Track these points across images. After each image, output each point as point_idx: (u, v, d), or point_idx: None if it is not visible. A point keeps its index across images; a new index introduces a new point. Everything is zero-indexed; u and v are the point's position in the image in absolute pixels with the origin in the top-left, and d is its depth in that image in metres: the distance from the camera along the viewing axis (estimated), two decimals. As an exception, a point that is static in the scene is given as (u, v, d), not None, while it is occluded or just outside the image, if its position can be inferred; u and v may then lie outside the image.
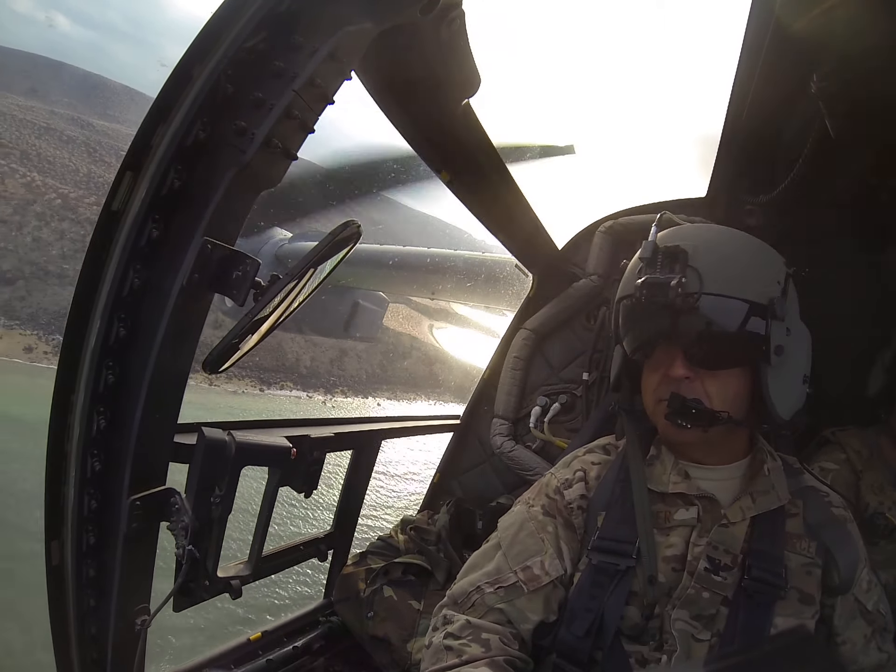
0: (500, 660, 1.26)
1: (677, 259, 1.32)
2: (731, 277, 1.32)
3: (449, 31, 1.24)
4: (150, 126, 0.98)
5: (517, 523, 1.49)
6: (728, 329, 1.32)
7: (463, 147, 1.71)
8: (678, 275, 1.29)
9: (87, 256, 1.02)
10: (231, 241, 1.07)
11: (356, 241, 1.18)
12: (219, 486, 1.27)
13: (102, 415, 1.05)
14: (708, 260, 1.31)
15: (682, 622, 1.29)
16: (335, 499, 2.55)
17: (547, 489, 1.53)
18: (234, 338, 1.08)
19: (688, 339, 1.33)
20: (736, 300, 1.31)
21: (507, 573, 1.39)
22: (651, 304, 1.32)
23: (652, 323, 1.37)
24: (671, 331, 1.33)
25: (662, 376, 1.38)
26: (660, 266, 1.33)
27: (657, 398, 1.39)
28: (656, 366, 1.40)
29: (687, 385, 1.33)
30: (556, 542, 1.43)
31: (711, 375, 1.34)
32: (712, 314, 1.30)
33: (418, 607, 2.28)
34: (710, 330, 1.31)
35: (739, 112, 1.86)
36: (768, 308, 1.32)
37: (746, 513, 1.36)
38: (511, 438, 3.01)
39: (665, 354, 1.37)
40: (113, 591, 1.13)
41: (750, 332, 1.31)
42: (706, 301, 1.29)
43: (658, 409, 1.39)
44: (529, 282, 3.18)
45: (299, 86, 1.01)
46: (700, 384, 1.33)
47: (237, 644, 2.05)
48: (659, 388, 1.39)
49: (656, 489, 1.42)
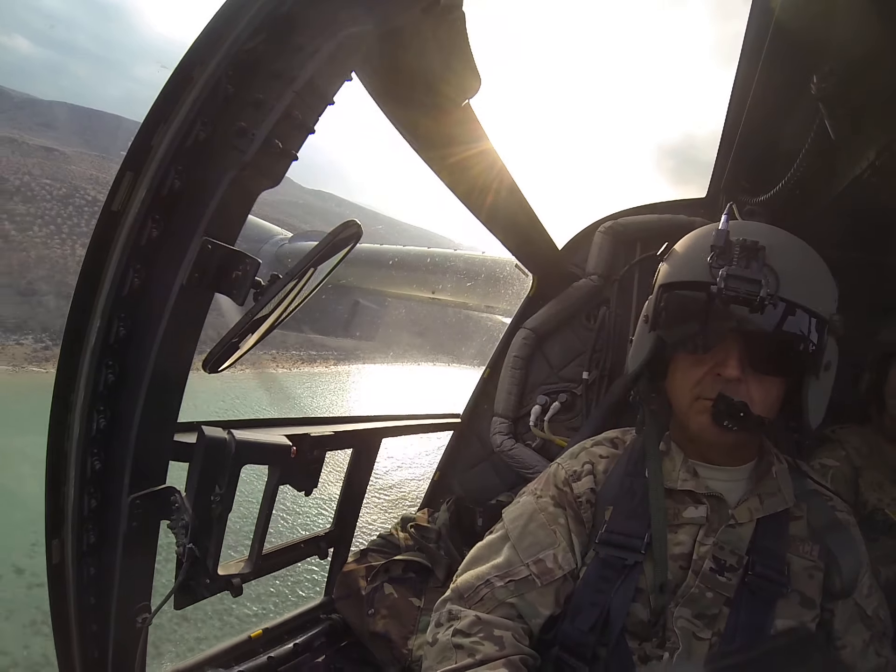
0: (516, 658, 1.23)
1: (755, 255, 1.26)
2: (805, 286, 1.29)
3: (449, 32, 1.24)
4: (150, 126, 0.98)
5: (526, 514, 1.47)
6: (794, 338, 1.29)
7: (463, 148, 1.71)
8: (757, 271, 1.24)
9: (87, 256, 1.02)
10: (231, 240, 1.07)
11: (356, 241, 1.18)
12: (219, 485, 1.27)
13: (102, 414, 1.05)
14: (783, 263, 1.27)
15: (684, 620, 1.29)
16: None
17: (555, 480, 1.51)
18: (233, 337, 1.09)
19: (752, 341, 1.29)
20: (807, 311, 1.28)
21: (519, 566, 1.37)
22: (730, 298, 1.24)
23: (723, 317, 1.28)
24: (740, 329, 1.28)
25: (707, 372, 1.33)
26: (736, 259, 1.27)
27: (696, 395, 1.35)
28: (701, 361, 1.34)
29: (735, 387, 1.29)
30: (567, 534, 1.42)
31: (758, 380, 1.30)
32: (784, 321, 1.26)
33: (419, 604, 2.29)
34: (777, 336, 1.28)
35: (739, 112, 1.86)
36: (829, 324, 1.30)
37: (754, 514, 1.36)
38: (511, 437, 3.02)
39: (716, 351, 1.32)
40: (114, 589, 1.13)
41: (812, 344, 1.29)
42: (783, 306, 1.25)
43: (696, 406, 1.34)
44: (529, 281, 3.18)
45: (299, 87, 1.01)
46: (746, 387, 1.29)
47: (238, 641, 2.05)
48: (701, 385, 1.34)
49: (665, 485, 1.41)
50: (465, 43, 1.30)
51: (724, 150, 2.22)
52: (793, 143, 1.81)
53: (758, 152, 2.08)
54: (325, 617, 2.41)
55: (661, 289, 1.42)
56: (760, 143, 2.01)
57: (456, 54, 1.32)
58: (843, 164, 1.82)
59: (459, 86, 1.43)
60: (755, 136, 1.95)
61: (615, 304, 2.97)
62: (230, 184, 1.03)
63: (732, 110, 1.91)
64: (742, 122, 1.89)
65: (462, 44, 1.30)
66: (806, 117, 1.64)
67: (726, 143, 2.15)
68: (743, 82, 1.72)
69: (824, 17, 1.36)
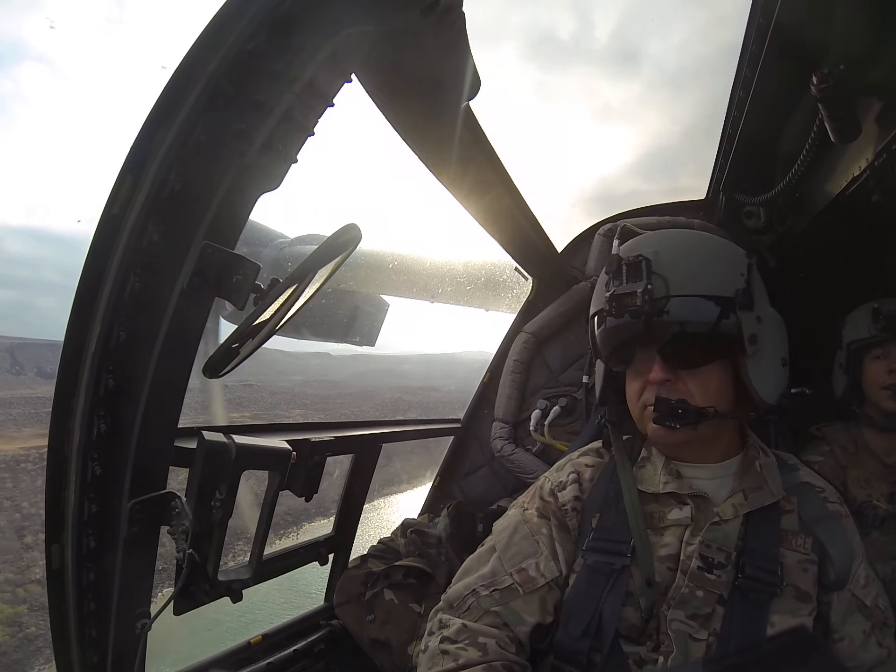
0: (498, 664, 1.26)
1: (640, 268, 1.34)
2: (694, 277, 1.33)
3: (449, 34, 1.24)
4: (150, 129, 0.98)
5: (511, 526, 1.50)
6: (699, 327, 1.33)
7: (463, 150, 1.71)
8: (637, 283, 1.32)
9: (87, 260, 1.01)
10: (231, 244, 1.06)
11: (356, 245, 1.18)
12: (219, 490, 1.27)
13: (103, 419, 1.05)
14: (671, 264, 1.33)
15: (678, 622, 1.29)
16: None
17: (541, 492, 1.54)
18: (234, 342, 1.08)
19: (661, 343, 1.36)
20: (702, 298, 1.32)
21: (503, 575, 1.40)
22: (621, 314, 1.35)
23: (625, 332, 1.40)
24: (644, 337, 1.38)
25: (644, 383, 1.40)
26: (625, 277, 1.36)
27: (643, 405, 1.41)
28: (637, 374, 1.43)
29: (669, 387, 1.36)
30: (550, 544, 1.44)
31: (691, 374, 1.36)
32: (682, 315, 1.32)
33: (419, 610, 2.27)
34: (682, 331, 1.34)
35: (739, 113, 1.86)
36: (735, 300, 1.33)
37: (739, 510, 1.36)
38: (511, 442, 3.02)
39: (643, 361, 1.41)
40: (113, 594, 1.13)
41: (721, 326, 1.33)
42: (675, 303, 1.31)
43: (645, 414, 1.40)
44: (529, 285, 3.18)
45: (299, 88, 1.01)
46: (682, 384, 1.36)
47: (238, 647, 2.05)
48: (643, 395, 1.41)
49: (648, 490, 1.43)
50: (465, 44, 1.30)
51: (724, 151, 2.23)
52: (792, 144, 1.82)
53: (757, 153, 2.09)
54: (324, 623, 2.40)
55: (590, 320, 1.53)
56: (760, 143, 2.01)
57: (456, 55, 1.32)
58: (842, 164, 1.82)
59: (459, 87, 1.43)
60: (754, 136, 1.96)
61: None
62: (230, 187, 1.03)
63: (732, 111, 1.92)
64: (742, 122, 1.89)
65: (462, 45, 1.30)
66: (805, 118, 1.64)
67: (726, 144, 2.15)
68: (743, 83, 1.73)
69: (823, 19, 1.37)
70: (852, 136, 1.51)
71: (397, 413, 38.02)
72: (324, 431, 2.12)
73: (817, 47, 1.45)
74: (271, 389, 40.58)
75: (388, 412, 40.17)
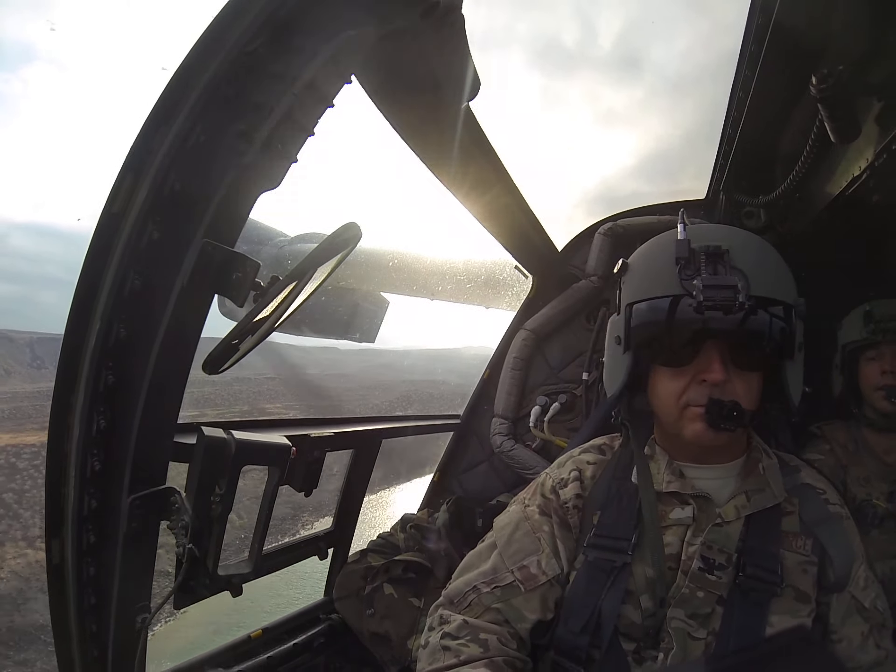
0: (499, 660, 1.27)
1: (721, 260, 1.28)
2: (772, 279, 1.32)
3: (449, 35, 1.25)
4: (151, 128, 0.98)
5: (513, 523, 1.50)
6: (774, 331, 1.31)
7: (463, 150, 1.71)
8: (728, 276, 1.26)
9: (87, 258, 1.02)
10: (231, 242, 1.07)
11: (356, 244, 1.18)
12: (219, 486, 1.28)
13: (102, 415, 1.05)
14: (746, 261, 1.29)
15: (677, 621, 1.30)
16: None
17: (542, 489, 1.54)
18: (234, 338, 1.09)
19: (735, 343, 1.30)
20: (778, 302, 1.31)
21: (504, 572, 1.40)
22: (713, 307, 1.23)
23: (702, 325, 1.29)
24: (713, 334, 1.29)
25: (689, 380, 1.33)
26: (705, 267, 1.28)
27: (685, 403, 1.34)
28: (680, 371, 1.35)
29: (722, 388, 1.30)
30: (552, 541, 1.44)
31: (740, 376, 1.32)
32: (760, 317, 1.28)
33: (418, 605, 2.29)
34: (759, 332, 1.30)
35: (739, 113, 1.86)
36: (796, 308, 1.33)
37: (741, 511, 1.36)
38: (511, 438, 3.02)
39: (693, 358, 1.33)
40: (113, 589, 1.13)
41: (788, 332, 1.32)
42: (757, 304, 1.26)
43: (686, 414, 1.34)
44: (529, 283, 3.19)
45: (299, 89, 1.01)
46: (731, 386, 1.31)
47: (238, 641, 2.06)
48: (688, 394, 1.34)
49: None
50: (464, 45, 1.30)
51: (724, 151, 2.23)
52: (792, 145, 1.82)
53: (757, 153, 2.09)
54: (324, 617, 2.42)
55: (631, 307, 1.41)
56: (760, 144, 2.01)
57: (455, 57, 1.32)
58: (842, 165, 1.82)
59: (459, 88, 1.43)
60: (755, 137, 1.96)
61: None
62: (230, 186, 1.03)
63: (732, 111, 1.92)
64: (742, 123, 1.89)
65: (462, 46, 1.30)
66: (805, 118, 1.64)
67: (726, 145, 2.15)
68: (742, 84, 1.73)
69: (823, 19, 1.37)
70: (852, 136, 1.51)
71: (422, 403, 38.25)
72: (323, 427, 2.13)
73: (817, 48, 1.45)
74: (293, 382, 40.41)
75: (413, 404, 40.26)
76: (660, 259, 1.38)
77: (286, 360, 39.24)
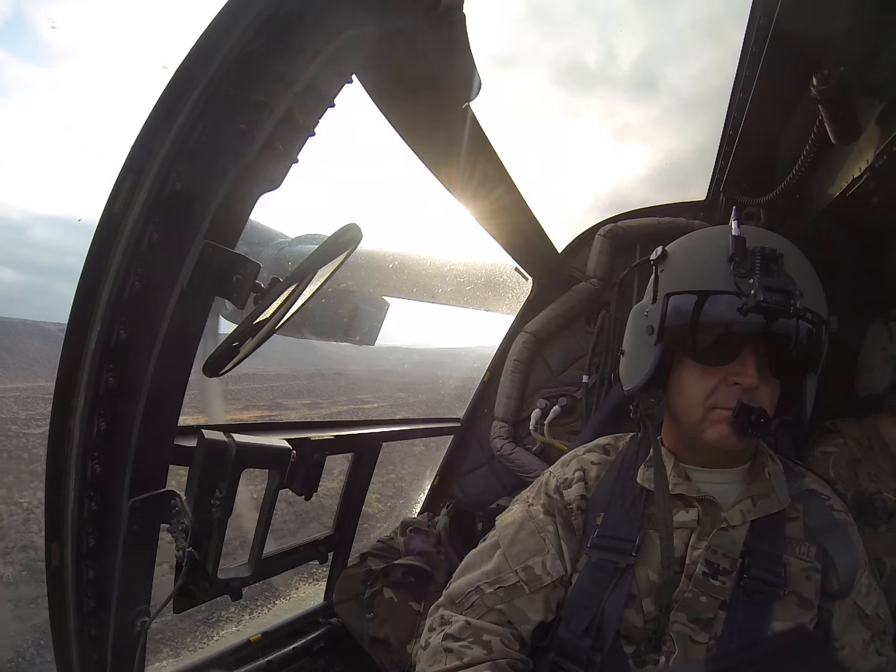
0: (503, 662, 1.26)
1: (780, 264, 1.26)
2: (816, 292, 1.32)
3: (450, 34, 1.24)
4: (151, 128, 0.98)
5: (517, 522, 1.48)
6: (813, 343, 1.31)
7: (463, 150, 1.71)
8: (785, 281, 1.24)
9: (87, 259, 1.01)
10: (232, 244, 1.06)
11: (356, 245, 1.18)
12: (219, 489, 1.27)
13: (103, 418, 1.05)
14: (797, 270, 1.29)
15: (679, 624, 1.29)
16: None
17: (546, 488, 1.53)
18: (234, 340, 1.08)
19: (771, 348, 1.29)
20: (819, 315, 1.30)
21: (508, 573, 1.39)
22: (768, 310, 1.22)
23: (741, 326, 1.27)
24: (756, 337, 1.28)
25: (718, 382, 1.31)
26: (760, 268, 1.25)
27: (710, 405, 1.33)
28: (709, 371, 1.33)
29: (751, 394, 1.29)
30: (556, 541, 1.43)
31: (766, 383, 1.31)
32: (805, 327, 1.28)
33: (419, 609, 2.28)
34: (800, 341, 1.28)
35: (739, 114, 1.86)
36: (828, 324, 1.33)
37: (747, 516, 1.35)
38: (511, 441, 3.02)
39: (727, 360, 1.31)
40: (113, 592, 1.13)
41: (822, 345, 1.33)
42: (802, 313, 1.25)
43: (712, 416, 1.32)
44: (529, 285, 3.18)
45: (300, 89, 1.01)
46: (759, 392, 1.30)
47: (237, 645, 2.05)
48: (715, 395, 1.32)
49: (652, 489, 1.42)
50: (465, 45, 1.30)
51: (724, 153, 2.23)
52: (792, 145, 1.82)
53: (758, 154, 2.09)
54: (324, 621, 2.41)
55: (672, 298, 1.36)
56: (760, 145, 2.01)
57: (457, 56, 1.32)
58: (842, 165, 1.82)
59: (460, 88, 1.43)
60: (755, 138, 1.96)
61: (615, 308, 2.98)
62: (231, 187, 1.02)
63: (732, 112, 1.92)
64: (742, 124, 1.89)
65: (463, 46, 1.29)
66: (805, 119, 1.64)
67: (726, 145, 2.15)
68: (743, 84, 1.73)
69: (824, 20, 1.37)
70: (852, 137, 1.51)
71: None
72: (323, 430, 2.12)
73: (818, 49, 1.45)
74: (353, 377, 40.04)
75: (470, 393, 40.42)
76: (707, 252, 1.35)
77: (328, 357, 39.23)
